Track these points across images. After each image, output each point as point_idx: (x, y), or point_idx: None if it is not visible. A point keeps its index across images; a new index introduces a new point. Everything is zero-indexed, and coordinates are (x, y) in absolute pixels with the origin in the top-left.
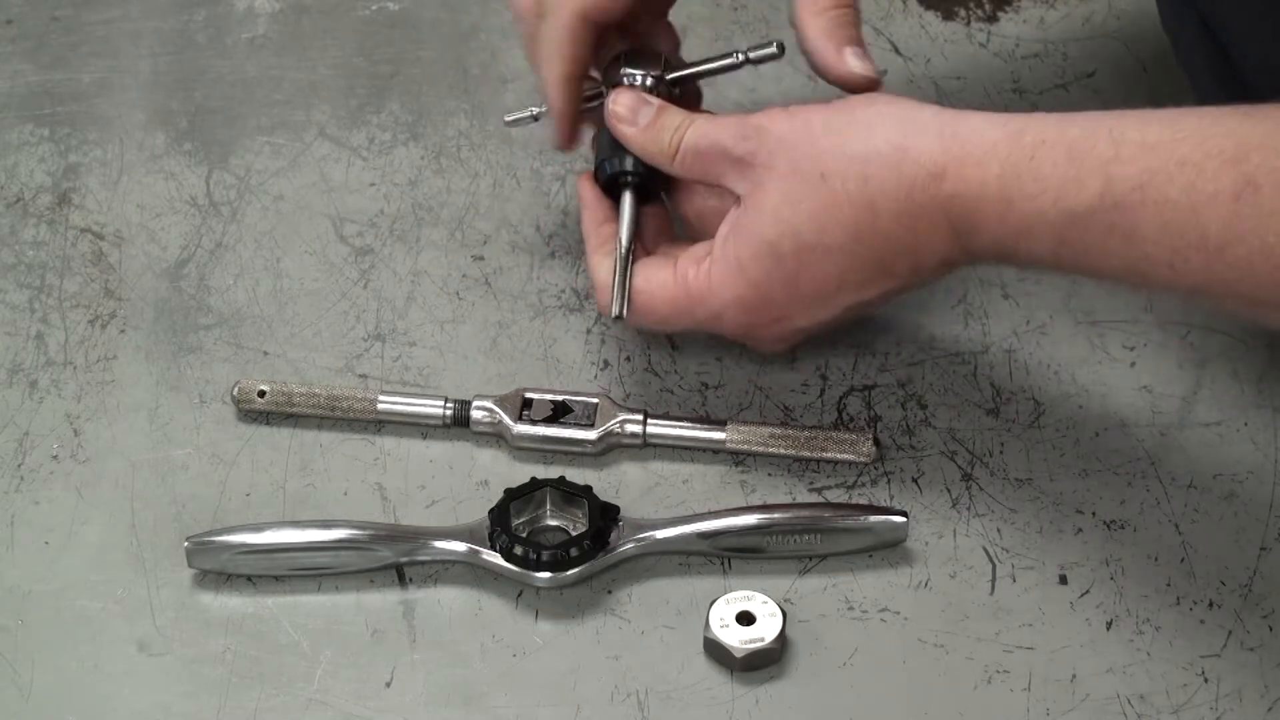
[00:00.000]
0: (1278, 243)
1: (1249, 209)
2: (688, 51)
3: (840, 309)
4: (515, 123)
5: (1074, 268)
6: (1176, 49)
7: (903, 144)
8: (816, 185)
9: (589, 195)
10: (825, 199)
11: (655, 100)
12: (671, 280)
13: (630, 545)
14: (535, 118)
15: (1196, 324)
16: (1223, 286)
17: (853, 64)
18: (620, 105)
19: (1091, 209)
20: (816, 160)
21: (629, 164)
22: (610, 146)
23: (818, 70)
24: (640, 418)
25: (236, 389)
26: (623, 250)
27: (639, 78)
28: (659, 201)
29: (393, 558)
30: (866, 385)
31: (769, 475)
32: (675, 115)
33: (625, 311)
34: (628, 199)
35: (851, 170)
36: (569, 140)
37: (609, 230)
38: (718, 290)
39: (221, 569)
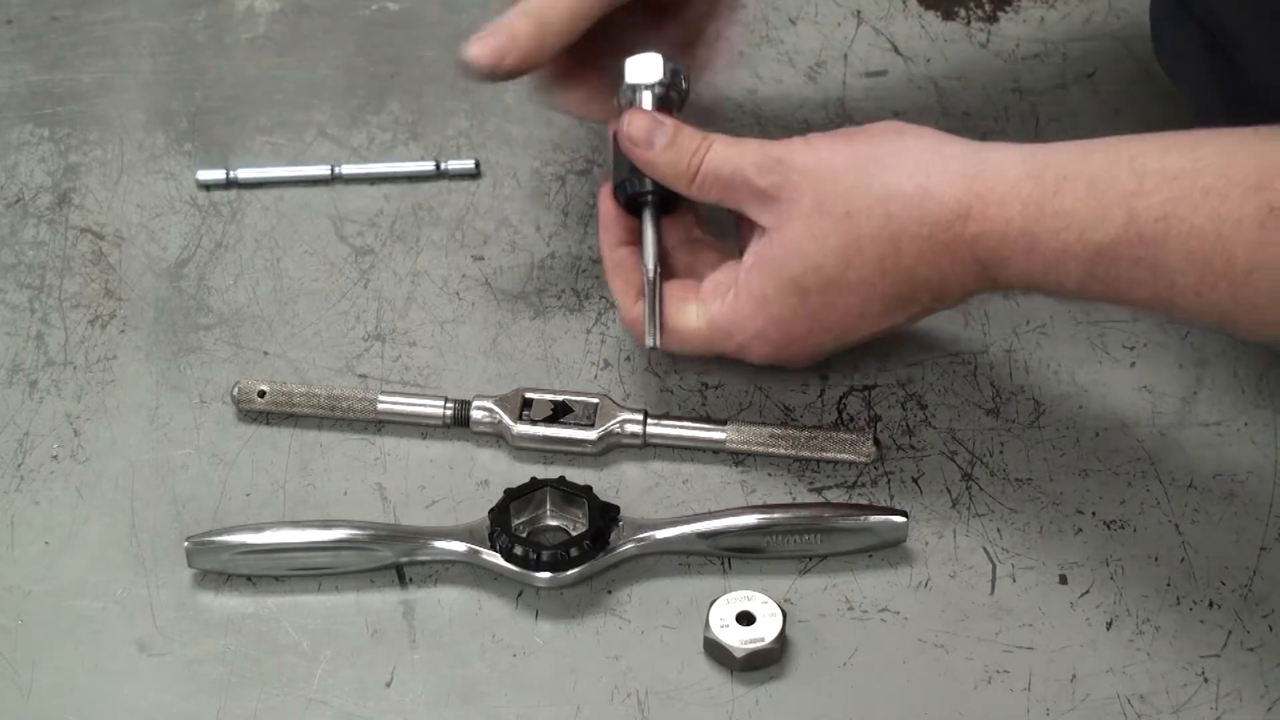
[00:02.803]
0: None
1: (1274, 235)
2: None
3: (865, 335)
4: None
5: (1102, 297)
6: (1173, 67)
7: (926, 184)
8: (841, 222)
9: (607, 212)
10: (850, 236)
11: (669, 121)
12: (695, 314)
13: (630, 545)
14: None
15: None
16: (1250, 313)
17: None
18: (635, 129)
19: (1116, 241)
20: (842, 198)
21: (649, 184)
22: (628, 165)
23: None
24: (640, 418)
25: (236, 389)
26: (650, 278)
27: (641, 91)
28: (680, 209)
29: (393, 558)
30: (866, 385)
31: (769, 475)
32: (693, 137)
33: (660, 340)
34: (648, 220)
35: (876, 209)
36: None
37: (625, 253)
38: (743, 324)
39: (221, 569)
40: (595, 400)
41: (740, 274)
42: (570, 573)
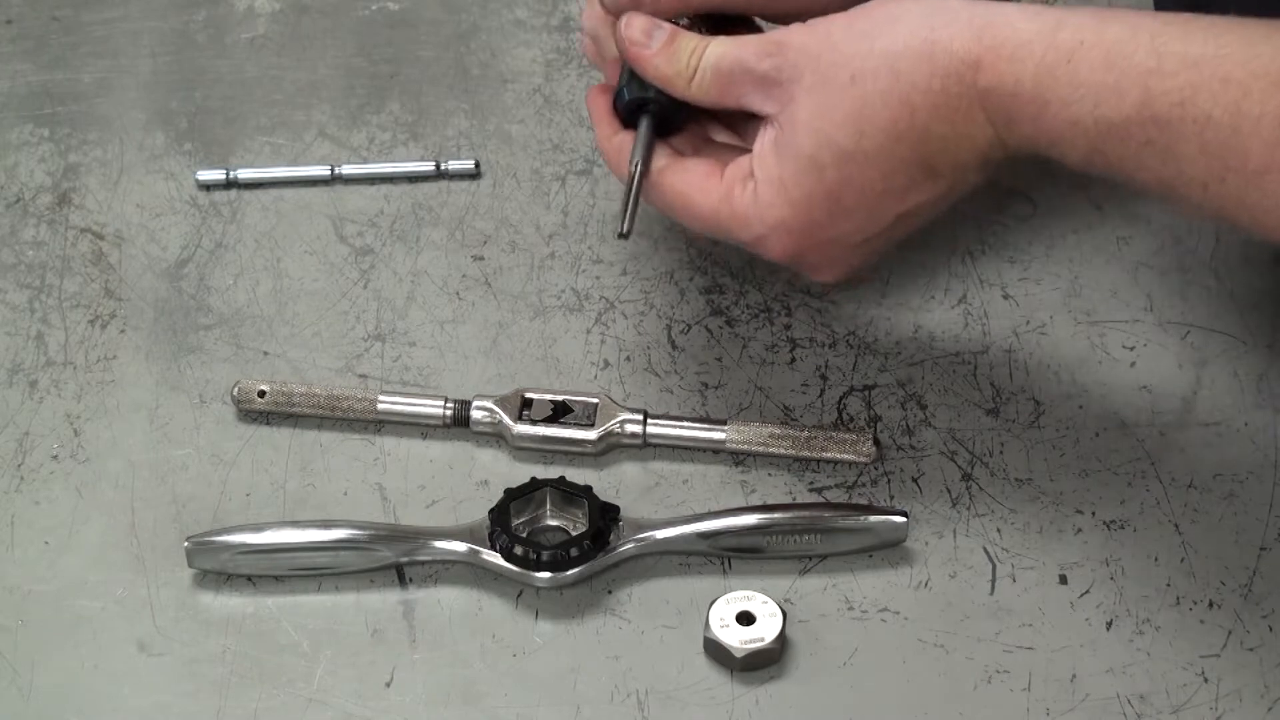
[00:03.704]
0: None
1: None
2: None
3: (888, 220)
4: None
5: (1105, 172)
6: None
7: (932, 36)
8: (846, 90)
9: (598, 108)
10: (857, 102)
11: (669, 25)
12: (717, 191)
13: (630, 545)
14: None
15: (1196, 324)
16: (1257, 212)
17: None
18: (633, 28)
19: (1128, 120)
20: (844, 65)
21: (649, 91)
22: (629, 73)
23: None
24: (640, 418)
25: (236, 389)
26: (636, 170)
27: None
28: (678, 133)
29: (393, 558)
30: (866, 385)
31: (769, 475)
32: (691, 38)
33: (629, 229)
34: (644, 123)
35: (882, 68)
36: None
37: (624, 138)
38: (763, 213)
39: (221, 569)
40: (595, 400)
41: (755, 160)
42: (570, 573)
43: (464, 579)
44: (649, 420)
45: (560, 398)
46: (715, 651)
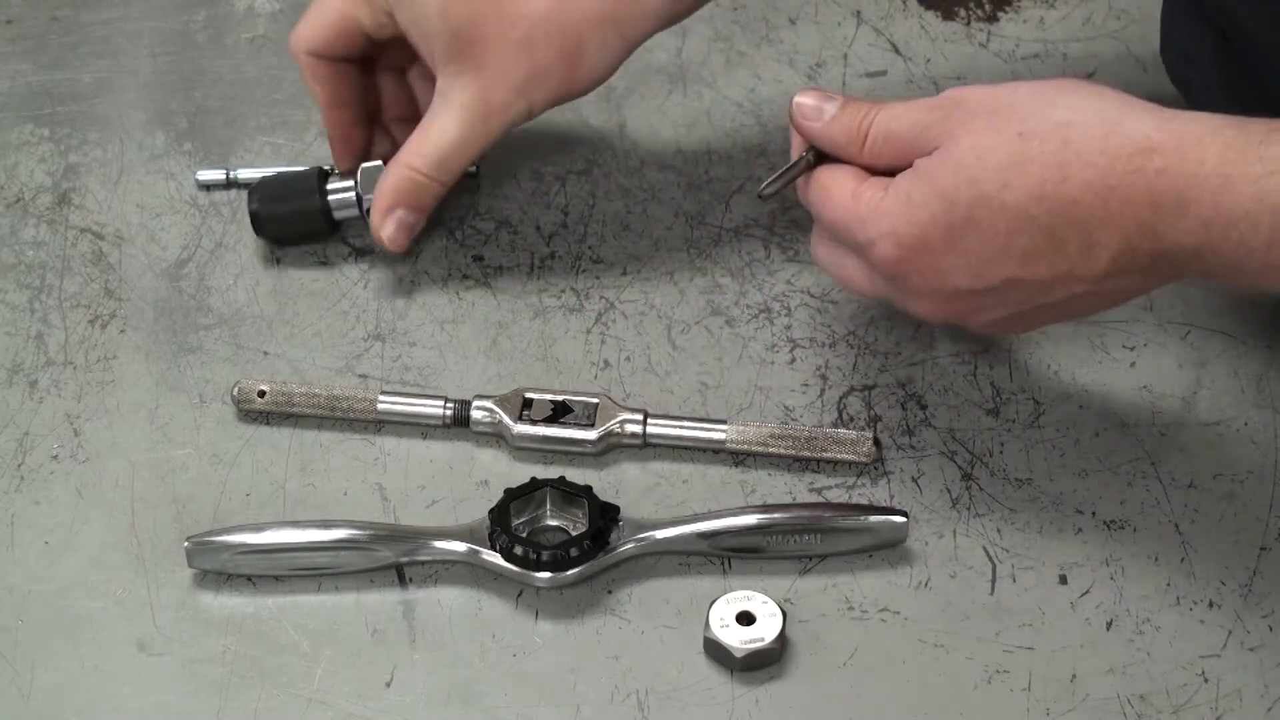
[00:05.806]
0: None
1: None
2: (690, 53)
3: (998, 279)
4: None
5: None
6: (1183, 70)
7: (1114, 118)
8: (1010, 141)
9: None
10: (1016, 154)
11: (839, 96)
12: (850, 188)
13: (630, 545)
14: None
15: (1196, 324)
16: None
17: None
18: (804, 105)
19: None
20: (1017, 121)
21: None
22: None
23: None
24: (640, 418)
25: (236, 389)
26: (809, 154)
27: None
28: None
29: (393, 558)
30: (866, 385)
31: (769, 475)
32: (861, 105)
33: (767, 193)
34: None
35: (1054, 133)
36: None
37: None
38: (879, 218)
39: (221, 569)
40: (595, 400)
41: (896, 178)
42: (570, 573)
43: (464, 579)
44: (649, 420)
45: (560, 398)
46: (715, 651)
